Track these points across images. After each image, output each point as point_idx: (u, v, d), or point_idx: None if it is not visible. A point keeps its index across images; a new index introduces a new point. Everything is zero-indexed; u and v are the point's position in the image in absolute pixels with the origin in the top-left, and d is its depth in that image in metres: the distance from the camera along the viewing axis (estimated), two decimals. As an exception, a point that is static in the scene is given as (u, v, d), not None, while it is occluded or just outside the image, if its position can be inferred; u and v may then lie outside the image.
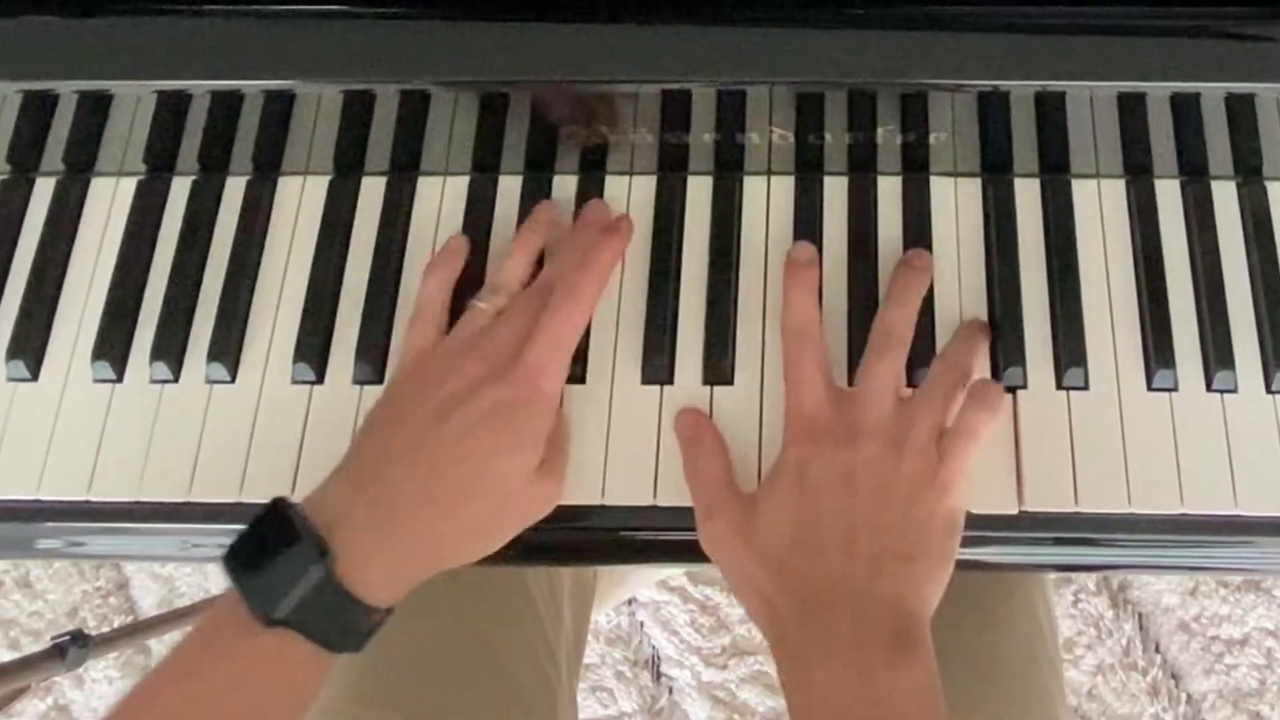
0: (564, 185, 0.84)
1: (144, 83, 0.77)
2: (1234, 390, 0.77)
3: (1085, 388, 0.77)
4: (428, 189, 0.84)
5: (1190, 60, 0.73)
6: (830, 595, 0.68)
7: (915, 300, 0.77)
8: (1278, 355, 0.77)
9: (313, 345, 0.80)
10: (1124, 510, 0.74)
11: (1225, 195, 0.81)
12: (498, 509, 0.71)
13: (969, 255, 0.81)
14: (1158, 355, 0.77)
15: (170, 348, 0.80)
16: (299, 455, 0.77)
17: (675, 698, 1.66)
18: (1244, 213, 0.81)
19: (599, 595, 1.55)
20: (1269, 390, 0.77)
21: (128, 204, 0.85)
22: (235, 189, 0.85)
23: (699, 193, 0.83)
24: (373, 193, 0.84)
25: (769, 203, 0.82)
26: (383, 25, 0.76)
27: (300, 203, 0.84)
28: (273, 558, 0.66)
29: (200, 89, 0.77)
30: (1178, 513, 0.74)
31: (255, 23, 0.76)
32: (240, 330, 0.81)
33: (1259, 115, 0.76)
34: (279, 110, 0.80)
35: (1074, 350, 0.77)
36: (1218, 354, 0.76)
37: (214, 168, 0.85)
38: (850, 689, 0.66)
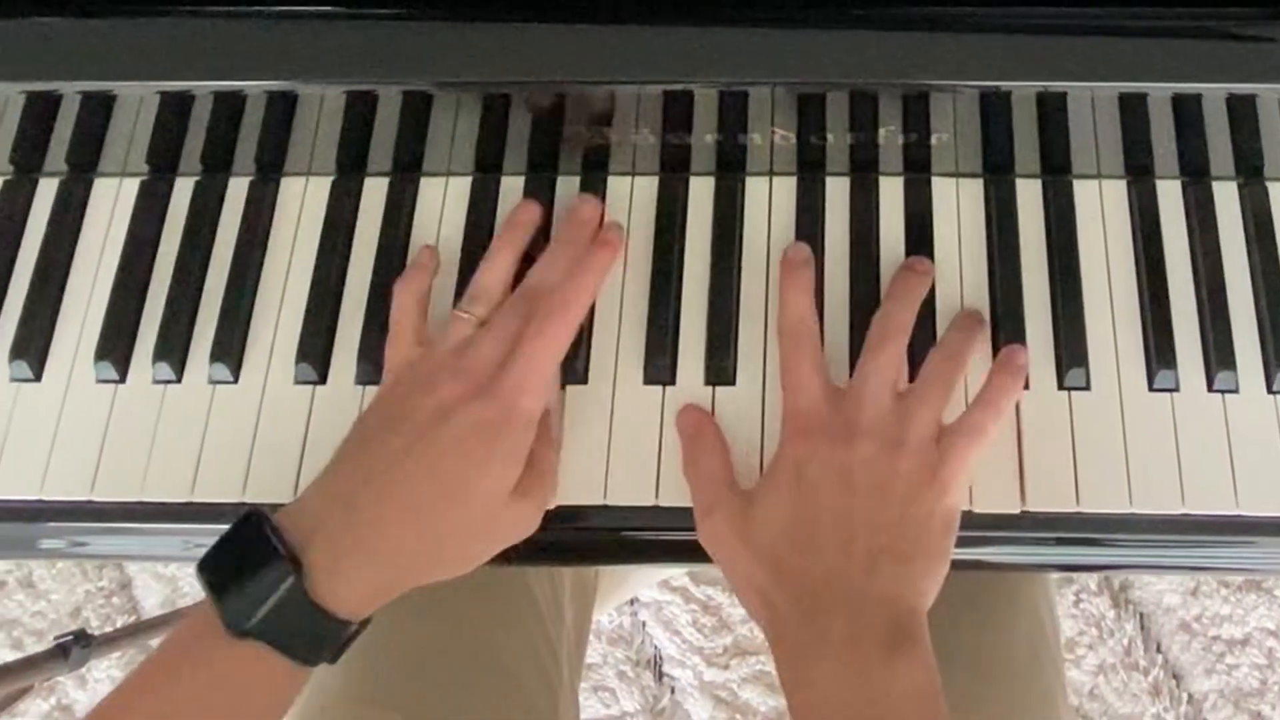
0: (566, 186, 0.83)
1: (147, 83, 0.77)
2: (1235, 390, 0.77)
3: (1087, 388, 0.77)
4: (430, 189, 0.84)
5: (1191, 61, 0.73)
6: (828, 594, 0.68)
7: (914, 302, 0.77)
8: (1279, 356, 0.77)
9: (315, 346, 0.80)
10: (1125, 510, 0.74)
11: (1227, 196, 0.81)
12: (473, 528, 0.71)
13: (971, 256, 0.81)
14: (1159, 355, 0.77)
15: (173, 348, 0.80)
16: (301, 455, 0.77)
17: (677, 697, 1.66)
18: (1245, 213, 0.81)
19: (600, 595, 1.55)
20: (1270, 390, 0.77)
21: (131, 204, 0.85)
22: (238, 189, 0.85)
23: (701, 193, 0.83)
24: (375, 193, 0.84)
25: (771, 203, 0.82)
26: (384, 26, 0.76)
27: (303, 203, 0.84)
28: (246, 572, 0.66)
29: (203, 90, 0.77)
30: (1179, 513, 0.74)
31: (257, 23, 0.76)
32: (243, 331, 0.81)
33: (1260, 116, 0.76)
34: (281, 111, 0.80)
35: (1075, 350, 0.77)
36: (1219, 354, 0.77)
37: (217, 168, 0.85)
38: (849, 687, 0.66)
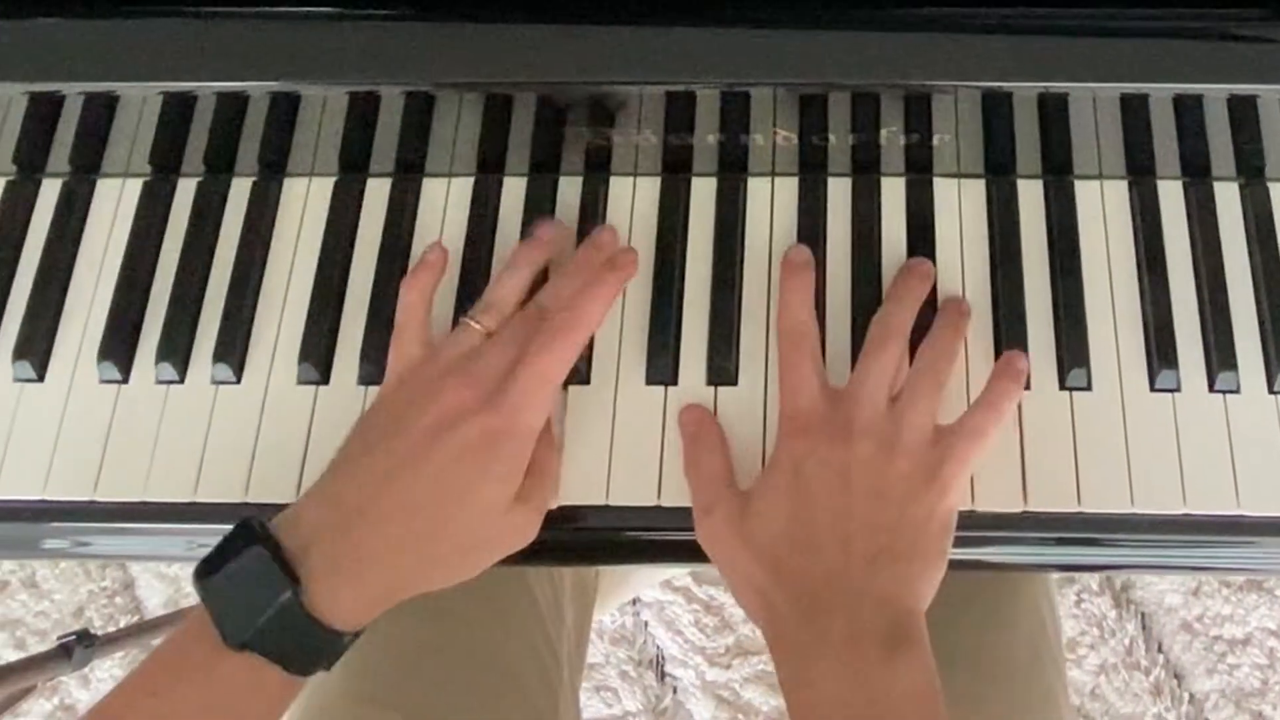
0: (568, 186, 0.83)
1: (149, 84, 0.77)
2: (1236, 391, 0.77)
3: (1088, 388, 0.77)
4: (432, 190, 0.84)
5: (1193, 62, 0.73)
6: (827, 594, 0.68)
7: (914, 304, 0.77)
8: (1280, 356, 0.77)
9: (318, 346, 0.80)
10: (1127, 510, 0.74)
11: (1228, 196, 0.81)
12: (471, 538, 0.71)
13: (972, 256, 0.81)
14: (1160, 356, 0.77)
15: (176, 348, 0.80)
16: (304, 456, 0.77)
17: (679, 697, 1.66)
18: (1246, 214, 0.81)
19: (601, 595, 1.55)
20: (1271, 391, 0.77)
21: (133, 205, 0.85)
22: (240, 190, 0.85)
23: (703, 194, 0.83)
24: (377, 194, 0.84)
25: (773, 204, 0.83)
26: (386, 27, 0.76)
27: (305, 204, 0.84)
28: (242, 584, 0.66)
29: (205, 90, 0.77)
30: (1180, 513, 0.74)
31: (260, 24, 0.76)
32: (246, 331, 0.81)
33: (1261, 117, 0.76)
34: (284, 112, 0.80)
35: (1077, 351, 0.77)
36: (1220, 355, 0.77)
37: (219, 169, 0.85)
38: (849, 687, 0.66)
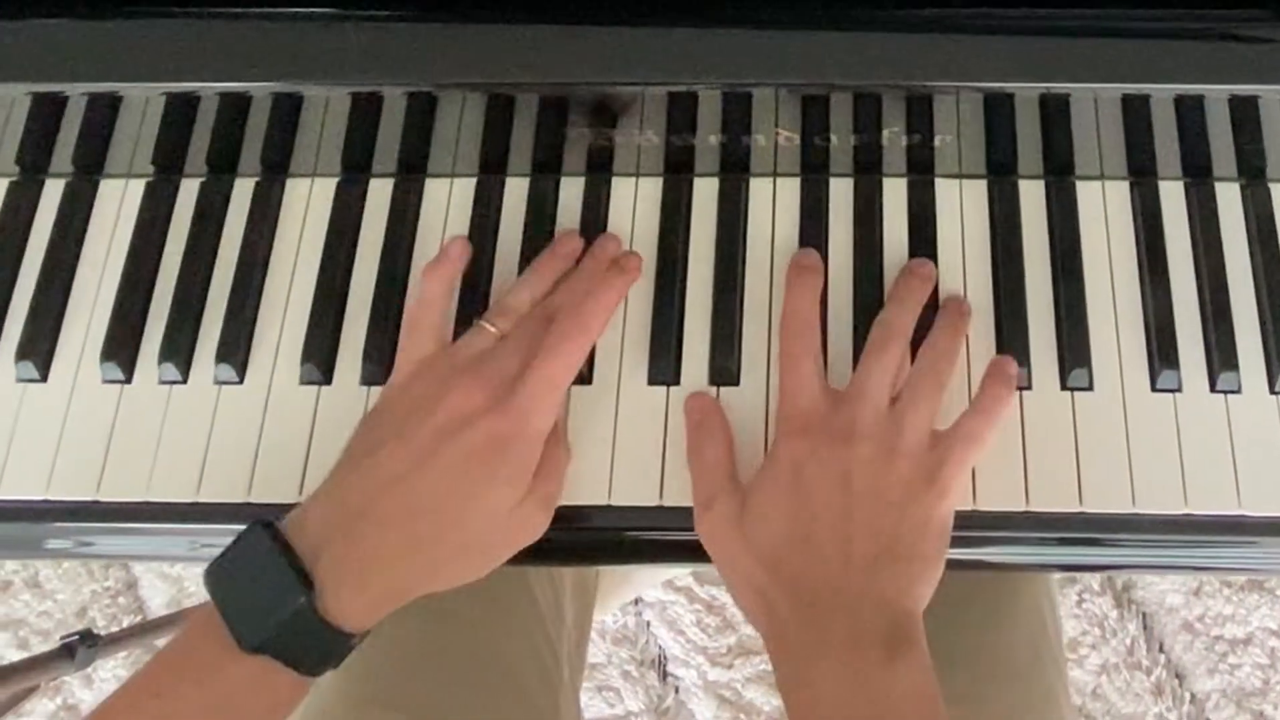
0: (570, 187, 0.84)
1: (152, 85, 0.77)
2: (1237, 391, 0.77)
3: (1090, 388, 0.77)
4: (435, 190, 0.84)
5: (1194, 62, 0.73)
6: (827, 596, 0.68)
7: (916, 306, 0.77)
8: (1281, 356, 0.77)
9: (321, 346, 0.80)
10: (1128, 510, 0.74)
11: (1229, 197, 0.81)
12: (481, 539, 0.71)
13: (974, 257, 0.81)
14: (1162, 356, 0.77)
15: (179, 349, 0.80)
16: (307, 456, 0.77)
17: (681, 697, 1.66)
18: (1247, 214, 0.81)
19: (602, 595, 1.55)
20: (1272, 391, 0.77)
21: (136, 205, 0.85)
22: (243, 191, 0.85)
23: (705, 194, 0.83)
24: (380, 194, 0.84)
25: (775, 204, 0.83)
26: (389, 28, 0.76)
27: (308, 204, 0.85)
28: (255, 588, 0.66)
29: (208, 91, 0.78)
30: (1181, 513, 0.74)
31: (263, 25, 0.76)
32: (248, 331, 0.81)
33: (1262, 117, 0.76)
34: (286, 112, 0.80)
35: (1078, 351, 0.77)
36: (1221, 355, 0.77)
37: (222, 169, 0.85)
38: (850, 690, 0.66)
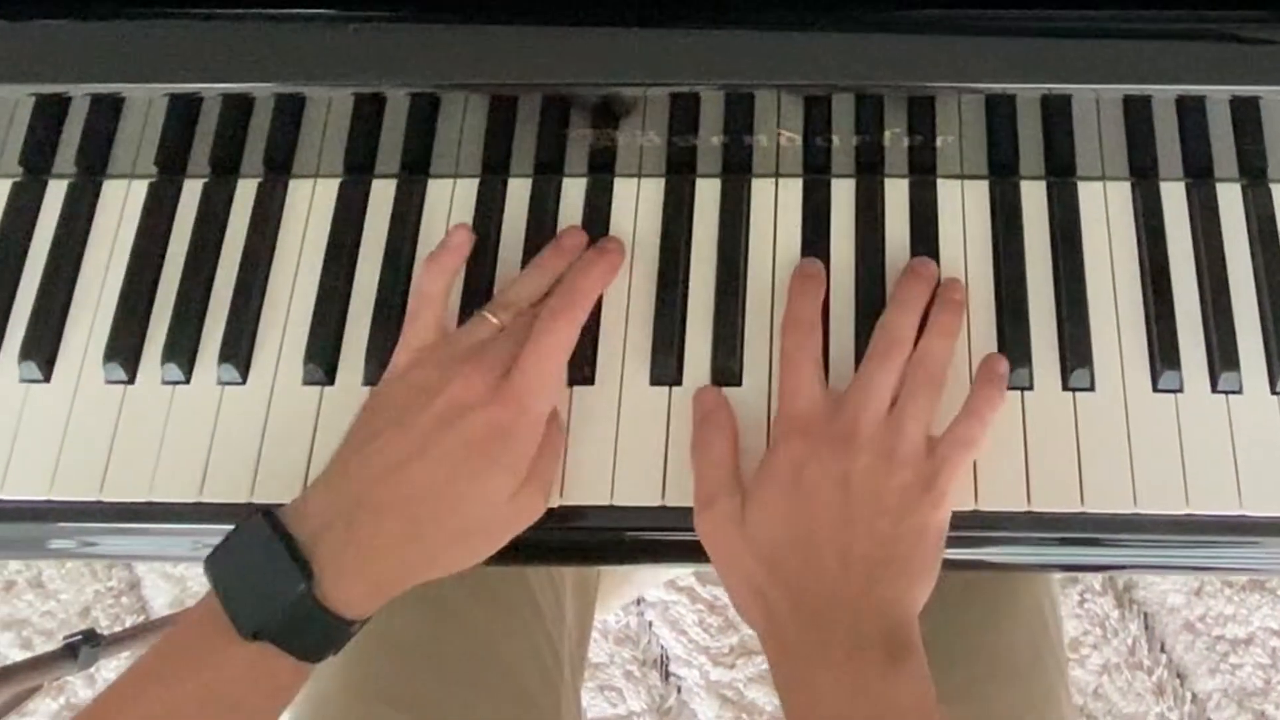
0: (573, 187, 0.84)
1: (155, 86, 0.77)
2: (1239, 391, 0.77)
3: (1091, 389, 0.77)
4: (438, 191, 0.84)
5: (1195, 63, 0.73)
6: (827, 602, 0.69)
7: (918, 309, 0.77)
8: (1283, 356, 0.77)
9: (323, 346, 0.80)
10: (1129, 510, 0.74)
11: (1230, 198, 0.81)
12: (479, 528, 0.71)
13: (976, 257, 0.81)
14: (1163, 357, 0.77)
15: (182, 349, 0.80)
16: (310, 456, 0.78)
17: (683, 697, 1.66)
18: (1249, 215, 0.81)
19: (604, 595, 1.55)
20: (1274, 391, 0.77)
21: (139, 206, 0.85)
22: (246, 191, 0.85)
23: (707, 195, 0.83)
24: (383, 195, 0.84)
25: (777, 205, 0.83)
26: (392, 29, 0.76)
27: (311, 205, 0.85)
28: (255, 573, 0.67)
29: (211, 92, 0.78)
30: (1183, 513, 0.74)
31: (265, 26, 0.76)
32: (251, 332, 0.81)
33: (1264, 118, 0.76)
34: (289, 113, 0.80)
35: (1080, 351, 0.77)
36: (1223, 355, 0.77)
37: (225, 170, 0.85)
38: (851, 697, 0.67)
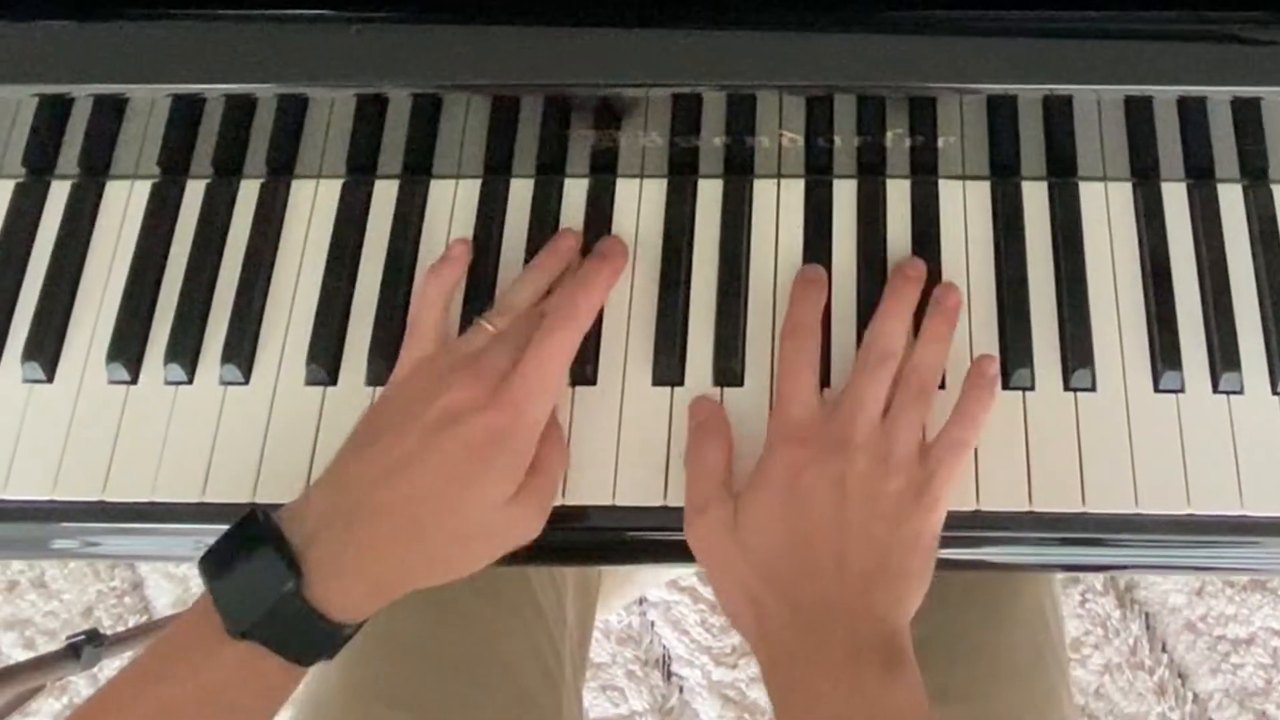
0: (575, 188, 0.84)
1: (158, 86, 0.77)
2: (1240, 392, 0.77)
3: (1092, 389, 0.77)
4: (440, 192, 0.84)
5: (1197, 64, 0.73)
6: (824, 610, 0.69)
7: (909, 312, 0.77)
8: (1284, 357, 0.77)
9: (326, 347, 0.80)
10: (1131, 511, 0.74)
11: (1231, 198, 0.82)
12: (472, 534, 0.71)
13: (977, 258, 0.81)
14: (1164, 357, 0.77)
15: (184, 349, 0.80)
16: (312, 456, 0.78)
17: (686, 697, 1.67)
18: (1250, 216, 0.81)
19: (604, 595, 1.55)
20: (1275, 392, 0.77)
21: (142, 207, 0.85)
22: (249, 192, 0.85)
23: (709, 195, 0.83)
24: (385, 195, 0.84)
25: (779, 206, 0.83)
26: (394, 29, 0.76)
27: (313, 205, 0.85)
28: (244, 572, 0.66)
29: (214, 93, 0.78)
30: (1184, 513, 0.74)
31: (268, 27, 0.76)
32: (254, 332, 0.81)
33: (1265, 119, 0.76)
34: (292, 114, 0.80)
35: (1081, 352, 0.77)
36: (1224, 356, 0.77)
37: (228, 171, 0.85)
38: (847, 702, 0.67)
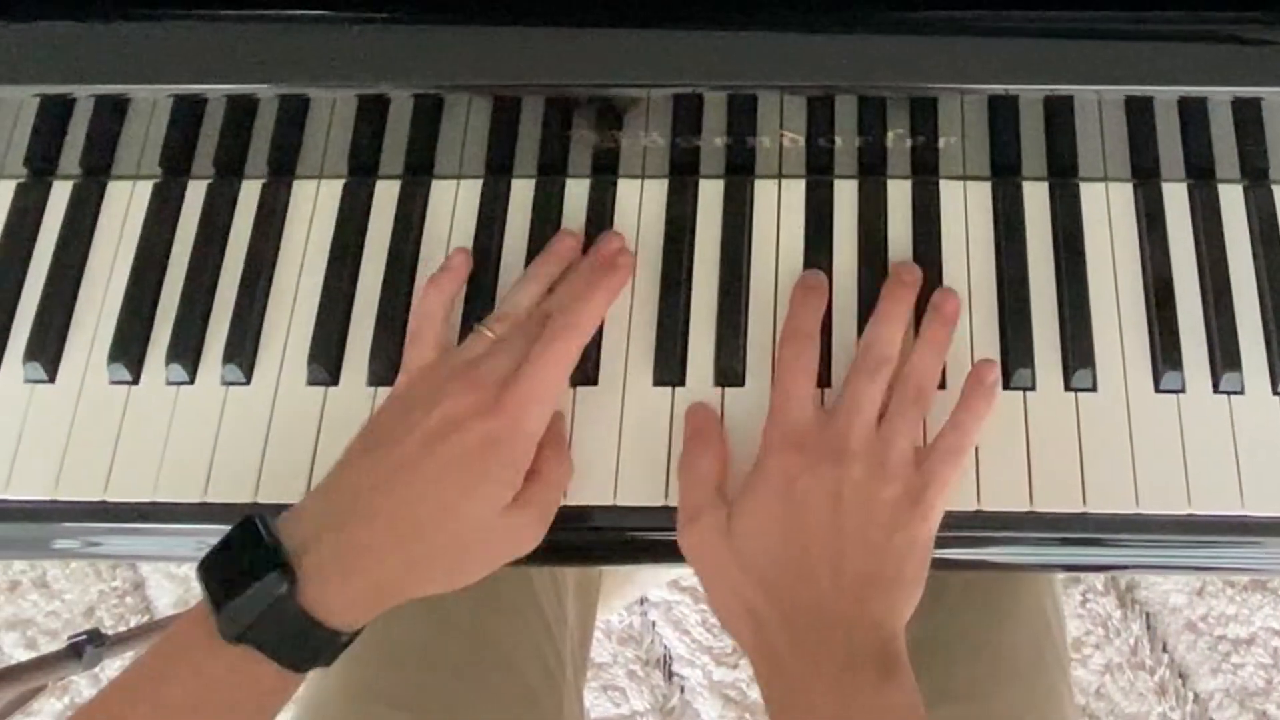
0: (576, 188, 0.84)
1: (160, 87, 0.77)
2: (1240, 392, 0.77)
3: (1093, 389, 0.77)
4: (441, 192, 0.84)
5: (1197, 64, 0.73)
6: (819, 619, 0.69)
7: (904, 316, 0.77)
8: (1285, 357, 0.78)
9: (327, 347, 0.80)
10: (1131, 511, 0.74)
11: (1232, 199, 0.82)
12: (466, 543, 0.71)
13: (978, 258, 0.81)
14: (1165, 357, 0.77)
15: (186, 350, 0.80)
16: (314, 456, 0.78)
17: (687, 697, 1.67)
18: (1250, 216, 0.81)
19: (605, 595, 1.55)
20: (1275, 392, 0.77)
21: (144, 207, 0.85)
22: (250, 192, 0.85)
23: (710, 196, 0.83)
24: (386, 196, 0.84)
25: (780, 206, 0.83)
26: (396, 30, 0.76)
27: (315, 206, 0.85)
28: (240, 578, 0.66)
29: (215, 93, 0.78)
30: (1185, 513, 0.74)
31: (269, 27, 0.76)
32: (255, 332, 0.81)
33: (1265, 119, 0.76)
34: (293, 114, 0.80)
35: (1082, 352, 0.77)
36: (1224, 356, 0.77)
37: (229, 171, 0.85)
38: (844, 711, 0.67)
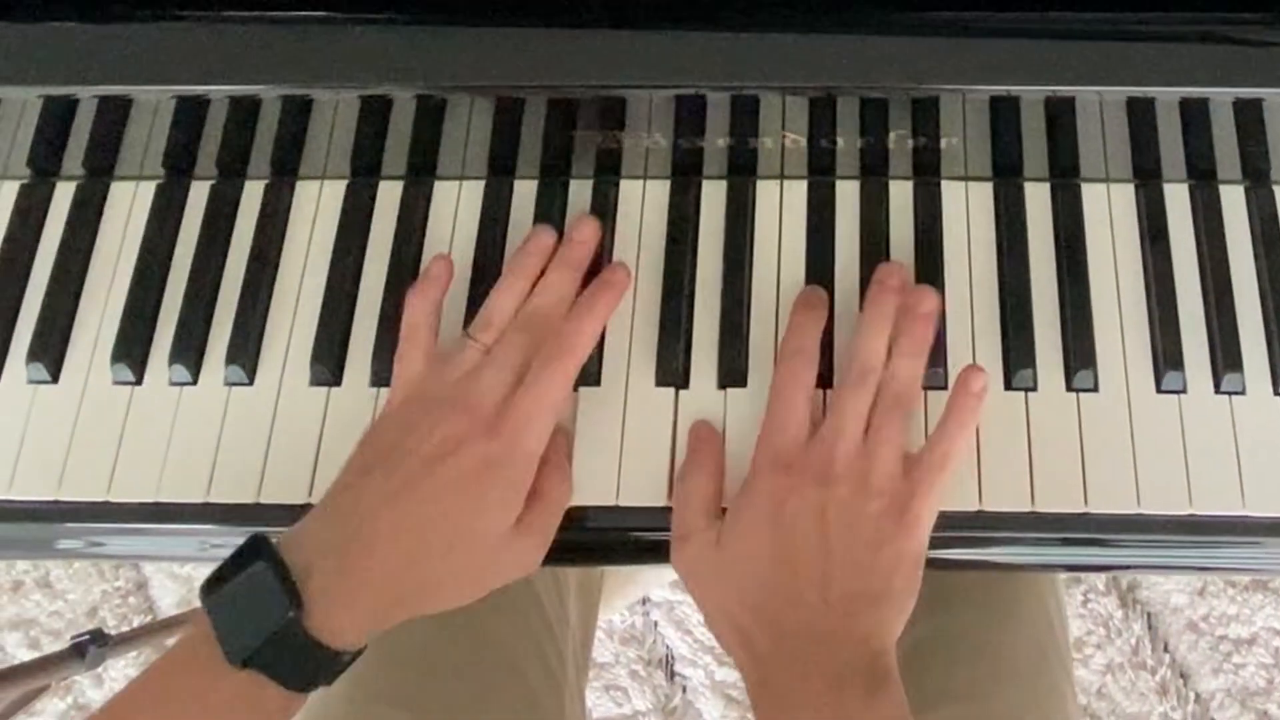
0: (579, 189, 0.84)
1: (163, 88, 0.77)
2: (1242, 392, 0.77)
3: (1095, 390, 0.77)
4: (444, 193, 0.84)
5: (1199, 65, 0.73)
6: (808, 637, 0.69)
7: (887, 326, 0.76)
8: (1286, 358, 0.78)
9: (330, 348, 0.80)
10: (1133, 511, 0.74)
11: (1233, 199, 0.82)
12: (467, 565, 0.71)
13: (980, 259, 0.81)
14: (1166, 358, 0.77)
15: (189, 350, 0.80)
16: (316, 457, 0.78)
17: (689, 697, 1.67)
18: (1252, 217, 0.81)
19: (607, 595, 1.55)
20: (1276, 392, 0.77)
21: (147, 208, 0.85)
22: (253, 193, 0.85)
23: (713, 197, 0.83)
24: (389, 197, 0.85)
25: (782, 207, 0.83)
26: (399, 31, 0.76)
27: (318, 206, 0.85)
28: (246, 602, 0.66)
29: (218, 94, 0.78)
30: (1186, 514, 0.74)
31: (272, 29, 0.76)
32: (258, 333, 0.81)
33: (1267, 120, 0.76)
34: (296, 115, 0.80)
35: (1084, 353, 0.77)
36: (1226, 356, 0.77)
37: (232, 172, 0.85)
38: None
